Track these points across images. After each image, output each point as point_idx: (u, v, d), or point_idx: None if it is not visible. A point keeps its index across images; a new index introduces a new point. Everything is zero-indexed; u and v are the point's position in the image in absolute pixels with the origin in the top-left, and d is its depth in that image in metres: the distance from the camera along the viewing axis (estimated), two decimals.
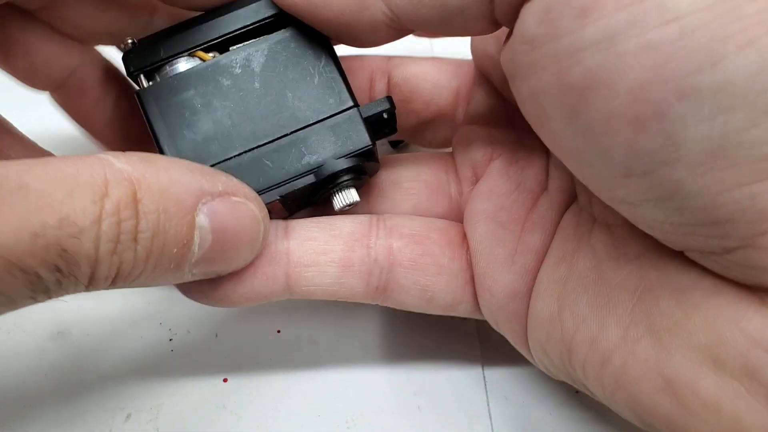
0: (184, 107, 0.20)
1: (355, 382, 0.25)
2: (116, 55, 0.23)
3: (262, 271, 0.20)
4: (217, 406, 0.24)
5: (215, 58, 0.21)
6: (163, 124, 0.20)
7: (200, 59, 0.21)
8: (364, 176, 0.21)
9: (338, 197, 0.21)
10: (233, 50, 0.21)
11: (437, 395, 0.24)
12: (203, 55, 0.21)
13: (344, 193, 0.21)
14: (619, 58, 0.13)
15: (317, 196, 0.21)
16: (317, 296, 0.21)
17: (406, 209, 0.23)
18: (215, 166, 0.20)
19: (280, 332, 0.26)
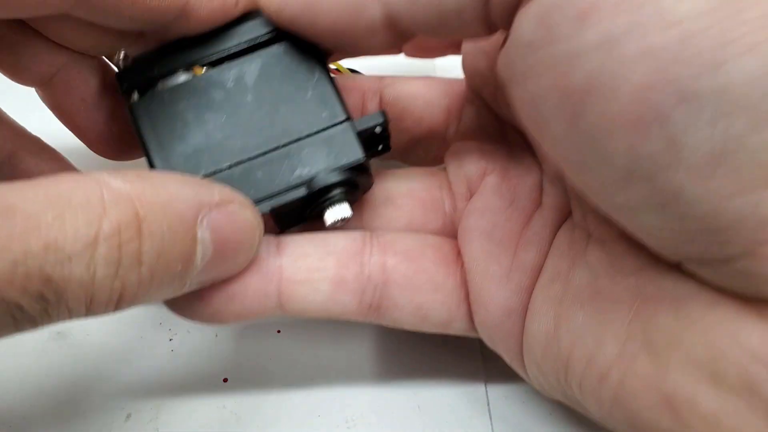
0: (175, 120, 0.20)
1: (355, 382, 0.25)
2: None
3: (253, 288, 0.19)
4: (217, 406, 0.24)
5: (208, 71, 0.21)
6: (153, 136, 0.20)
7: (193, 73, 0.21)
8: (357, 191, 0.21)
9: (330, 212, 0.20)
10: (226, 64, 0.21)
11: (437, 395, 0.24)
12: (197, 69, 0.21)
13: (336, 207, 0.20)
14: (619, 62, 0.13)
15: (309, 211, 0.21)
16: (310, 314, 0.20)
17: (399, 226, 0.22)
18: (205, 177, 0.19)
19: (280, 332, 0.26)
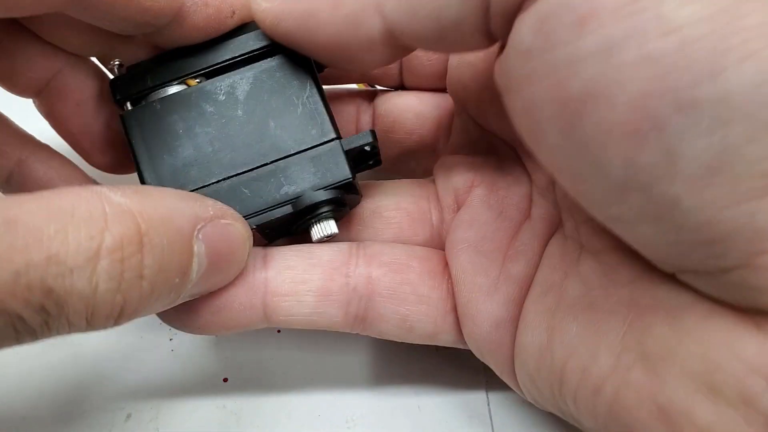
0: (166, 132, 0.20)
1: (355, 382, 0.25)
2: None
3: (239, 301, 0.20)
4: (217, 406, 0.24)
5: (200, 83, 0.20)
6: (144, 147, 0.20)
7: (186, 85, 0.21)
8: (344, 208, 0.21)
9: (316, 228, 0.20)
10: (218, 77, 0.20)
11: (437, 395, 0.24)
12: (190, 81, 0.21)
13: (323, 224, 0.20)
14: (617, 69, 0.13)
15: (296, 226, 0.21)
16: (296, 325, 0.20)
17: (387, 237, 0.22)
18: (193, 192, 0.20)
19: (280, 332, 0.26)
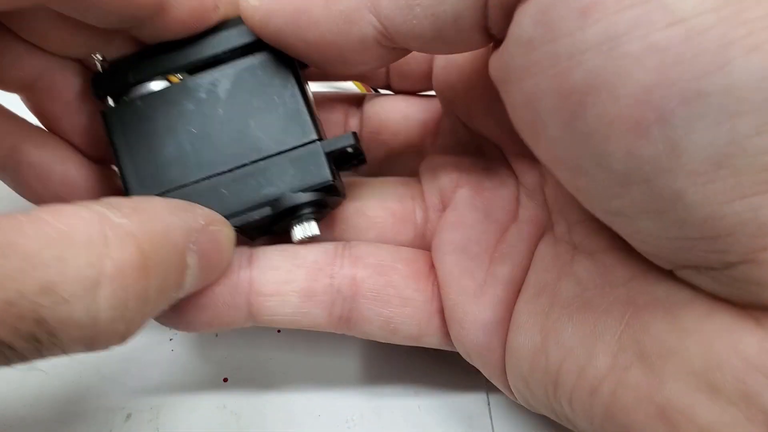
0: (146, 129, 0.20)
1: (355, 382, 0.25)
2: None
3: (223, 300, 0.20)
4: (217, 406, 0.24)
5: (182, 80, 0.20)
6: (125, 145, 0.20)
7: (168, 81, 0.20)
8: (325, 209, 0.21)
9: (297, 229, 0.20)
10: (200, 74, 0.20)
11: (437, 395, 0.24)
12: (172, 77, 0.20)
13: (303, 225, 0.20)
14: (621, 60, 0.13)
15: (277, 226, 0.21)
16: (280, 325, 0.21)
17: (370, 236, 0.22)
18: (172, 191, 0.20)
19: (279, 332, 0.26)
